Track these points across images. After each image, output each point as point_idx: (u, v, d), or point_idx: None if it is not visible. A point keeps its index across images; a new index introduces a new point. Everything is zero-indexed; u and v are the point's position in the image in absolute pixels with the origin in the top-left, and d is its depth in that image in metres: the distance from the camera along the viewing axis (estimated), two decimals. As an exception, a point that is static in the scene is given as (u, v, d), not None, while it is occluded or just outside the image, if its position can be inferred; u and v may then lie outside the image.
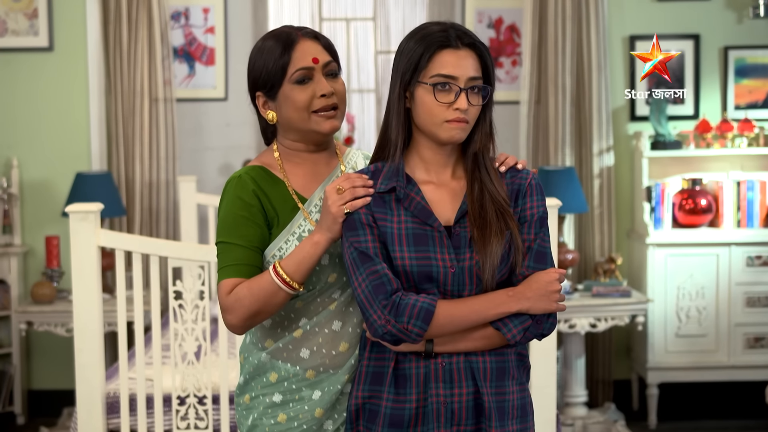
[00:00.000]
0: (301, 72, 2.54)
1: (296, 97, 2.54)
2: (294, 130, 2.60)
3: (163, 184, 6.33)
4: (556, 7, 6.18)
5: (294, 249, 2.48)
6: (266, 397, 2.59)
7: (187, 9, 6.61)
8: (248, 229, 2.51)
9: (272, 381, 2.59)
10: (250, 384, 2.63)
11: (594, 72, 6.20)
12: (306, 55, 2.55)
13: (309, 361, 2.56)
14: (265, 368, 2.59)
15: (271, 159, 2.63)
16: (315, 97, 2.55)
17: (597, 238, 6.28)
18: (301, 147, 2.63)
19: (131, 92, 6.27)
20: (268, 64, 2.55)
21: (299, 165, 2.63)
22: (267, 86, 2.57)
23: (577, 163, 6.30)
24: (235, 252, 2.50)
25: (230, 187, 2.55)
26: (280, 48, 2.55)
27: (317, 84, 2.55)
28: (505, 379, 2.46)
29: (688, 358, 6.01)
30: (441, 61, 2.41)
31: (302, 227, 2.55)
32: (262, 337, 2.61)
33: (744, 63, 6.34)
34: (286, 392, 2.57)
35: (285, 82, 2.55)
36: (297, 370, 2.56)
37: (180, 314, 4.03)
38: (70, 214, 3.92)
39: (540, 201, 2.50)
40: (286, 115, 2.58)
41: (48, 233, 6.21)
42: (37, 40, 6.30)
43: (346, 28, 6.95)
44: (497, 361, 2.46)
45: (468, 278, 2.42)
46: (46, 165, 6.33)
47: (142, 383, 4.00)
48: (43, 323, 5.79)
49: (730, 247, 5.98)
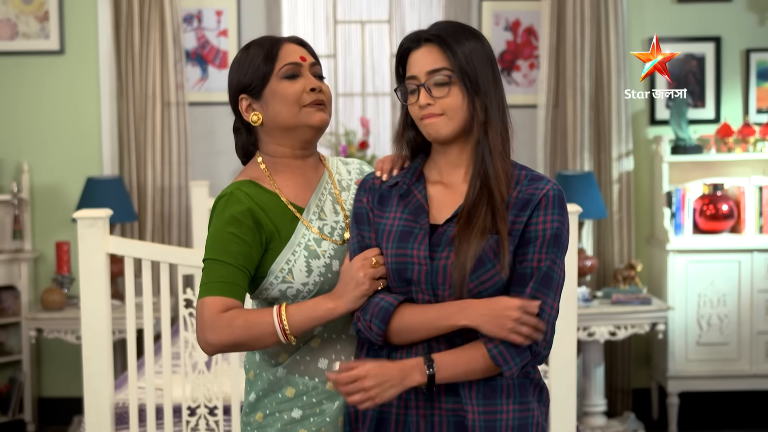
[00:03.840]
0: (290, 67, 2.50)
1: (285, 90, 2.49)
2: (281, 129, 2.51)
3: (176, 189, 6.26)
4: (575, 9, 6.09)
5: (307, 304, 2.39)
6: (283, 413, 2.50)
7: (200, 11, 6.55)
8: (237, 246, 2.41)
9: (289, 396, 2.50)
10: (262, 401, 2.53)
11: (613, 75, 6.11)
12: (293, 53, 2.52)
13: (327, 372, 2.48)
14: (280, 384, 2.50)
15: (257, 172, 2.54)
16: (305, 91, 2.49)
17: (616, 244, 6.20)
18: (288, 153, 2.55)
19: (143, 96, 6.21)
20: (254, 62, 2.50)
21: (288, 174, 2.55)
22: (252, 85, 2.51)
23: (596, 167, 6.21)
24: (223, 269, 2.40)
25: (221, 205, 2.46)
26: (266, 49, 2.51)
27: (306, 79, 2.51)
28: (496, 397, 2.35)
29: (709, 367, 5.91)
30: (408, 64, 2.44)
31: (306, 237, 2.47)
32: (274, 352, 2.52)
33: (766, 66, 6.24)
34: (305, 407, 2.49)
35: (272, 78, 2.50)
36: (316, 382, 2.49)
37: (191, 322, 3.95)
38: (78, 220, 3.84)
39: (557, 216, 2.35)
40: (274, 112, 2.50)
41: (58, 239, 6.15)
42: (48, 44, 6.24)
43: (361, 30, 6.87)
44: (485, 378, 2.35)
45: (442, 278, 2.33)
46: (57, 170, 6.27)
47: (151, 393, 3.92)
48: (53, 330, 5.74)
49: (752, 253, 5.88)
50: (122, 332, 5.52)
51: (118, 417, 4.02)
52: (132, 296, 3.89)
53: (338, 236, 2.51)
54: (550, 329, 2.33)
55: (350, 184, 2.62)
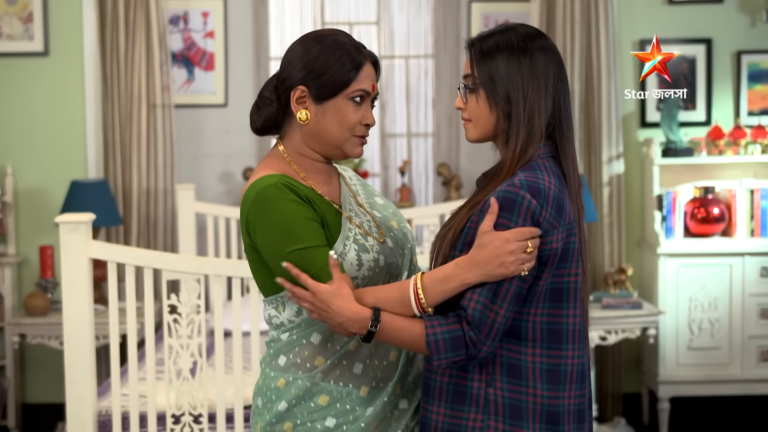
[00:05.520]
0: (361, 93, 2.49)
1: (349, 115, 2.49)
2: (321, 141, 2.51)
3: (161, 193, 6.19)
4: (565, 10, 6.04)
5: (437, 274, 2.34)
6: (316, 422, 2.45)
7: (186, 13, 6.49)
8: (319, 228, 2.41)
9: (323, 405, 2.45)
10: (292, 411, 2.46)
11: (603, 77, 6.06)
12: (369, 79, 2.51)
13: (362, 377, 2.46)
14: (313, 392, 2.45)
15: (285, 166, 2.51)
16: (361, 123, 2.51)
17: (607, 247, 6.15)
18: (318, 157, 2.55)
19: (128, 98, 6.14)
20: (334, 68, 2.46)
21: (315, 173, 2.54)
22: (321, 89, 2.46)
23: (586, 170, 6.16)
24: (323, 252, 2.38)
25: (274, 194, 2.39)
26: (351, 60, 2.47)
27: (366, 111, 2.52)
28: (429, 396, 2.40)
29: (701, 372, 5.87)
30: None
31: (352, 231, 2.47)
32: (310, 355, 2.47)
33: (757, 68, 6.20)
34: (339, 415, 2.45)
35: (341, 95, 2.47)
36: (350, 389, 2.45)
37: (175, 329, 3.89)
38: (61, 224, 3.77)
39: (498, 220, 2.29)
40: (325, 125, 2.49)
41: (42, 243, 6.08)
42: (33, 45, 6.16)
43: (349, 32, 6.79)
44: (455, 384, 2.37)
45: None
46: (41, 173, 6.19)
47: (135, 400, 3.86)
48: (36, 336, 5.67)
49: (743, 257, 5.84)
50: (106, 338, 5.45)
51: (101, 425, 3.97)
52: (115, 302, 3.83)
53: (376, 234, 2.51)
54: (493, 334, 2.28)
55: (357, 189, 2.64)
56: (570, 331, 2.36)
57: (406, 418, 2.51)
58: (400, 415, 2.50)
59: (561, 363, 2.35)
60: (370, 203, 2.63)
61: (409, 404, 2.53)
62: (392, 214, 2.65)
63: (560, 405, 2.35)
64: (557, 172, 2.39)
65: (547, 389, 2.34)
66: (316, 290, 2.32)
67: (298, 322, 2.47)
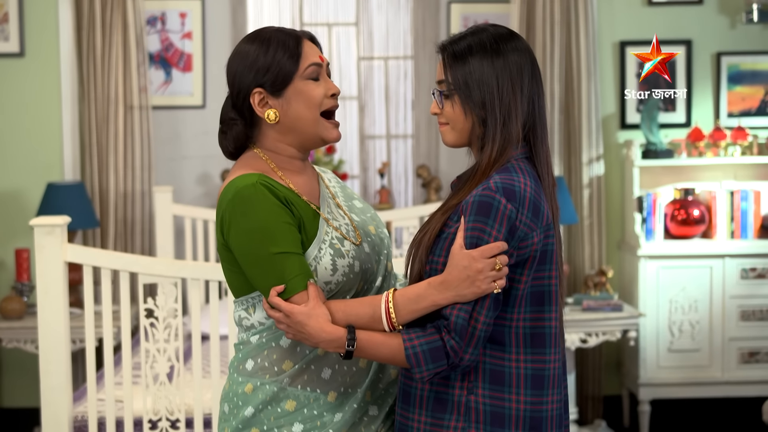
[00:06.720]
0: (314, 68, 2.47)
1: (312, 92, 2.46)
2: (297, 131, 2.48)
3: (138, 195, 6.13)
4: (544, 11, 6.02)
5: (410, 293, 2.31)
6: (283, 428, 2.41)
7: (164, 14, 6.44)
8: (296, 233, 2.37)
9: (289, 410, 2.42)
10: (258, 416, 2.42)
11: (583, 79, 6.04)
12: (313, 52, 2.50)
13: (330, 383, 2.42)
14: (280, 397, 2.42)
15: (262, 166, 2.47)
16: (326, 95, 2.48)
17: (587, 249, 6.13)
18: (294, 153, 2.51)
19: (105, 99, 6.08)
20: (277, 57, 2.44)
21: (294, 172, 2.51)
22: (275, 81, 2.44)
23: (566, 172, 6.14)
24: (297, 260, 2.34)
25: (254, 195, 2.35)
26: (288, 44, 2.45)
27: (327, 83, 2.49)
28: (410, 405, 2.37)
29: (681, 374, 5.86)
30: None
31: (329, 234, 2.43)
32: (279, 359, 2.43)
33: (737, 69, 6.19)
34: (306, 420, 2.41)
35: (296, 77, 2.44)
36: (318, 394, 2.42)
37: (152, 333, 3.84)
38: (35, 227, 3.72)
39: (471, 224, 2.26)
40: (295, 113, 2.46)
41: (18, 246, 6.01)
42: (8, 46, 6.09)
43: (328, 33, 6.78)
44: (403, 384, 2.39)
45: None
46: (17, 175, 6.12)
47: (111, 405, 3.81)
48: (12, 339, 5.60)
49: (723, 259, 5.83)
50: (82, 342, 5.39)
51: (77, 431, 3.91)
52: (91, 306, 3.78)
53: (353, 237, 2.47)
54: (474, 341, 2.25)
55: (336, 191, 2.61)
56: (552, 335, 2.34)
57: (376, 424, 2.48)
58: (370, 421, 2.48)
59: (545, 368, 2.33)
60: (348, 206, 2.60)
61: (380, 410, 2.50)
62: (370, 218, 2.61)
63: (543, 410, 2.33)
64: (532, 173, 2.37)
65: (531, 395, 2.31)
66: (290, 312, 2.29)
67: (269, 325, 2.44)
